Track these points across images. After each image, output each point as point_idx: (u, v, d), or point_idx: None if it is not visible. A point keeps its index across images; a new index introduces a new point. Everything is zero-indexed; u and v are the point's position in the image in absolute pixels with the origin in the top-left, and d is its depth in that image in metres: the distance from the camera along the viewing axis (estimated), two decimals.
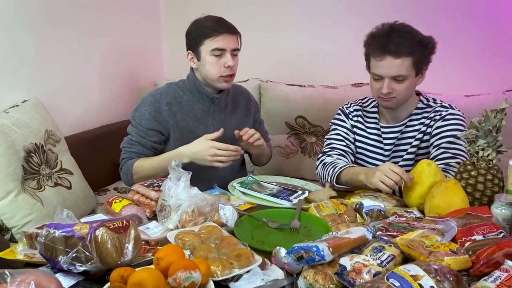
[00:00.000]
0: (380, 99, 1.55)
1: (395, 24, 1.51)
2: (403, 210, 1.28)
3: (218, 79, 1.62)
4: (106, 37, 2.47)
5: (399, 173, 1.30)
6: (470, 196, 1.27)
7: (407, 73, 1.48)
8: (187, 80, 1.71)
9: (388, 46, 1.45)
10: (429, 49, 1.50)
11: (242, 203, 1.40)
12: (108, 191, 2.34)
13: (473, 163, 1.29)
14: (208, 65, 1.60)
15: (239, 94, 1.82)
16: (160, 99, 1.66)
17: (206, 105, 1.69)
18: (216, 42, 1.58)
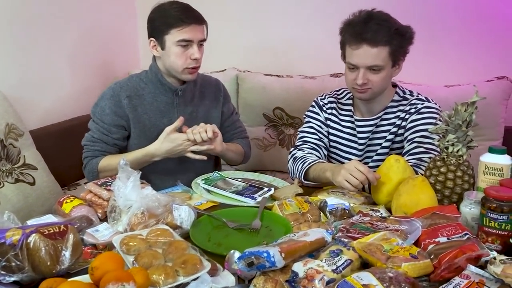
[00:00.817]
0: (354, 90, 1.48)
1: (373, 11, 1.44)
2: (369, 209, 1.22)
3: (183, 71, 1.54)
4: (77, 24, 2.37)
5: (364, 172, 1.24)
6: (439, 193, 1.21)
7: (383, 63, 1.41)
8: (149, 71, 1.63)
9: (365, 34, 1.38)
10: (406, 38, 1.43)
11: (204, 201, 1.34)
12: (79, 185, 2.26)
13: (443, 159, 1.23)
14: (173, 56, 1.52)
15: (207, 85, 1.74)
16: (119, 93, 1.58)
17: (170, 97, 1.62)
18: (183, 33, 1.49)
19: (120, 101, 1.57)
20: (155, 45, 1.57)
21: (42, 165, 1.95)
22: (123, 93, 1.58)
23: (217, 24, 2.61)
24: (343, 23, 1.48)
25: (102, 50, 2.58)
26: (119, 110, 1.57)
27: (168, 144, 1.49)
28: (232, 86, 2.50)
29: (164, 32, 1.51)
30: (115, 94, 1.58)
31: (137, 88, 1.61)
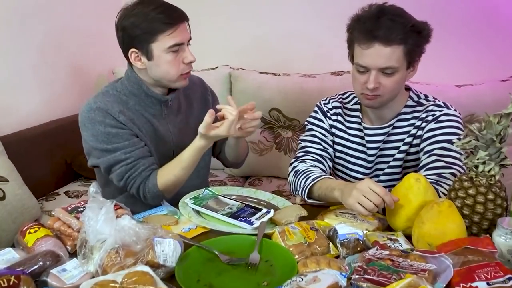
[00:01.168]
0: (363, 97, 1.30)
1: (385, 5, 1.26)
2: (386, 238, 1.04)
3: (177, 78, 1.33)
4: (54, 21, 2.17)
5: (380, 193, 1.06)
6: (467, 219, 1.04)
7: (397, 65, 1.24)
8: (128, 82, 1.37)
9: (377, 31, 1.20)
10: (423, 36, 1.25)
11: (193, 226, 1.16)
12: (58, 195, 2.08)
13: (471, 178, 1.05)
14: (165, 64, 1.29)
15: (192, 86, 1.51)
16: (108, 110, 1.31)
17: (158, 109, 1.40)
18: (173, 37, 1.27)
19: (115, 119, 1.31)
20: (137, 56, 1.31)
21: (14, 176, 1.75)
22: (112, 110, 1.31)
23: (207, 18, 2.43)
24: (351, 19, 1.30)
25: (83, 47, 2.37)
26: (122, 125, 1.32)
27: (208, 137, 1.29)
28: (225, 85, 2.32)
29: (149, 41, 1.27)
30: (105, 113, 1.30)
31: (121, 101, 1.35)
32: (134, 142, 1.33)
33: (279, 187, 2.21)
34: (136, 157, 1.32)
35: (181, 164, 1.31)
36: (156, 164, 1.36)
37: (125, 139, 1.32)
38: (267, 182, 2.27)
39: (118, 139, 1.31)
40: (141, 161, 1.32)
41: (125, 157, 1.31)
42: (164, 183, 1.32)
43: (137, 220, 1.14)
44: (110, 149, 1.31)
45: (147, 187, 1.32)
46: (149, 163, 1.34)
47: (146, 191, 1.32)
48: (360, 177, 1.46)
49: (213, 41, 2.43)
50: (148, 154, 1.35)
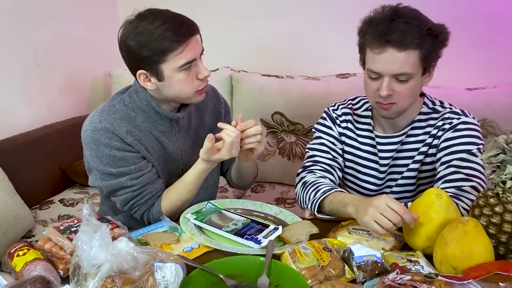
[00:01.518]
0: (377, 105, 1.22)
1: (399, 7, 1.18)
2: (405, 259, 0.96)
3: (193, 95, 1.23)
4: (48, 23, 2.08)
5: (399, 212, 0.98)
6: (493, 239, 0.96)
7: (412, 71, 1.15)
8: (136, 97, 1.26)
9: (391, 35, 1.12)
10: (440, 40, 1.17)
11: (196, 245, 1.07)
12: (53, 203, 1.99)
13: (497, 194, 0.97)
14: (178, 84, 1.19)
15: (204, 98, 1.40)
16: (114, 132, 1.21)
17: (167, 126, 1.30)
18: (183, 55, 1.15)
19: (122, 140, 1.21)
20: (146, 77, 1.20)
21: (5, 185, 1.67)
22: (119, 131, 1.21)
23: (208, 18, 2.33)
24: (363, 21, 1.21)
25: (79, 50, 2.28)
26: (129, 147, 1.22)
27: None
28: (226, 88, 2.24)
29: (158, 62, 1.16)
30: (111, 135, 1.20)
31: (128, 118, 1.25)
32: (141, 166, 1.24)
33: (282, 194, 2.13)
34: (143, 183, 1.24)
35: (186, 187, 1.26)
36: (163, 186, 1.29)
37: (132, 163, 1.23)
38: (270, 189, 2.19)
39: (124, 163, 1.22)
40: (148, 188, 1.25)
41: (131, 183, 1.23)
42: (169, 209, 1.26)
43: (136, 239, 1.07)
44: (115, 173, 1.22)
45: (151, 214, 1.26)
46: (156, 190, 1.27)
47: (150, 218, 1.26)
48: (371, 188, 1.38)
49: (213, 41, 2.33)
50: (155, 178, 1.27)
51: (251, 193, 2.15)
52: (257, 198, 2.11)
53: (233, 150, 1.18)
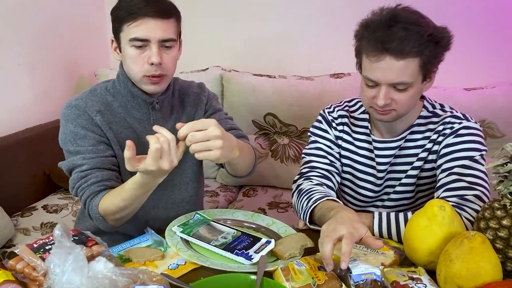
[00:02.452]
0: (373, 111, 1.16)
1: (398, 10, 1.10)
2: (406, 276, 0.90)
3: (141, 79, 1.16)
4: (32, 21, 1.99)
5: (323, 255, 0.89)
6: (501, 253, 0.90)
7: (411, 80, 1.08)
8: (117, 80, 1.24)
9: (388, 43, 1.05)
10: (442, 46, 1.10)
11: (183, 262, 1.00)
12: (35, 210, 1.90)
13: (504, 206, 0.91)
14: (128, 59, 1.15)
15: (188, 88, 1.34)
16: (86, 109, 1.19)
17: (145, 113, 1.24)
18: (134, 28, 1.12)
19: (91, 118, 1.18)
20: (116, 47, 1.20)
21: None
22: (91, 109, 1.19)
23: (198, 16, 2.26)
24: (360, 24, 1.14)
25: (64, 47, 2.20)
26: (95, 128, 1.18)
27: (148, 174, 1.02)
28: (216, 88, 2.17)
29: (118, 29, 1.15)
30: (81, 112, 1.18)
31: (105, 102, 1.22)
32: (99, 149, 1.17)
33: (275, 198, 2.06)
34: (92, 166, 1.14)
35: (122, 195, 1.08)
36: (115, 180, 1.16)
37: (90, 144, 1.16)
38: (262, 192, 2.13)
39: (83, 142, 1.16)
40: (95, 172, 1.14)
41: (81, 163, 1.15)
42: (104, 208, 1.11)
43: (118, 255, 1.00)
44: (72, 151, 1.17)
45: (90, 205, 1.13)
46: (103, 176, 1.14)
47: (89, 209, 1.14)
48: (368, 194, 1.31)
49: (203, 40, 2.27)
50: (108, 167, 1.17)
51: (243, 197, 2.09)
52: (249, 202, 2.04)
53: (163, 161, 0.94)
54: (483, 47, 1.94)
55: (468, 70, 1.96)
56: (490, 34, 1.92)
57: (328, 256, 0.88)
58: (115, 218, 1.12)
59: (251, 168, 1.30)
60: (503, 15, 1.89)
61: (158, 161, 0.94)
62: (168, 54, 1.16)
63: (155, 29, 1.12)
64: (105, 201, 1.11)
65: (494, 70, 1.93)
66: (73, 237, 0.93)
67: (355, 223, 0.94)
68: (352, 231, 0.90)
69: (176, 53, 1.19)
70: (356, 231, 0.91)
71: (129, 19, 1.12)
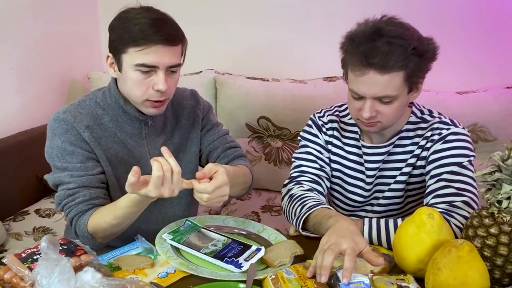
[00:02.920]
0: (360, 122, 1.17)
1: (382, 23, 1.10)
2: (395, 284, 0.90)
3: (143, 103, 1.14)
4: (24, 23, 1.98)
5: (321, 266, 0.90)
6: (488, 261, 0.91)
7: (396, 93, 1.09)
8: (108, 94, 1.21)
9: (372, 57, 1.05)
10: (427, 58, 1.10)
11: (172, 270, 1.00)
12: (28, 214, 1.90)
13: (492, 214, 0.92)
14: (130, 82, 1.12)
15: (182, 99, 1.32)
16: (74, 124, 1.15)
17: (137, 128, 1.22)
18: (144, 55, 1.08)
19: (79, 134, 1.15)
20: (112, 63, 1.15)
21: None
22: (79, 124, 1.16)
23: (192, 19, 2.25)
24: (345, 37, 1.14)
25: (57, 50, 2.19)
26: (83, 144, 1.16)
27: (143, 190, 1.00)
28: (210, 91, 2.16)
29: (121, 50, 1.11)
30: (69, 127, 1.15)
31: (94, 115, 1.19)
32: (87, 166, 1.15)
33: (269, 201, 2.06)
34: (80, 184, 1.13)
35: (115, 212, 1.07)
36: (103, 198, 1.16)
37: (78, 161, 1.15)
38: (256, 196, 2.12)
39: (71, 158, 1.14)
40: (83, 190, 1.13)
41: (69, 180, 1.13)
42: (94, 226, 1.10)
43: (107, 263, 1.00)
44: (59, 167, 1.15)
45: (78, 224, 1.12)
46: (91, 195, 1.13)
47: (77, 227, 1.13)
48: (358, 199, 1.32)
49: (197, 43, 2.25)
50: (97, 185, 1.16)
51: (236, 201, 2.08)
52: (243, 205, 2.04)
53: (164, 189, 0.95)
54: (475, 51, 1.94)
55: (460, 74, 1.96)
56: (483, 38, 1.92)
57: (327, 267, 0.89)
58: (105, 235, 1.12)
59: (245, 191, 1.31)
60: (495, 19, 1.89)
61: (159, 188, 0.95)
62: (172, 78, 1.14)
63: (164, 56, 1.09)
64: (95, 219, 1.10)
65: (486, 74, 1.93)
66: (61, 246, 0.93)
67: (355, 236, 0.95)
68: (353, 246, 0.91)
69: (178, 75, 1.18)
70: (357, 246, 0.92)
71: (138, 44, 1.07)
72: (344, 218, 1.04)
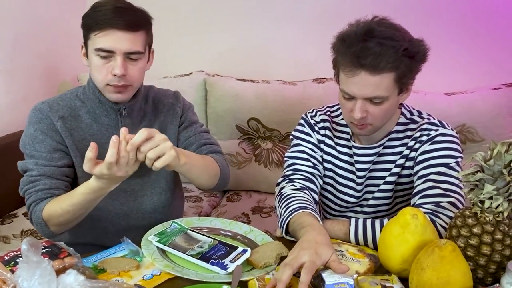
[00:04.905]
0: (352, 125, 1.17)
1: (374, 24, 1.10)
2: (379, 285, 0.90)
3: (105, 88, 1.18)
4: (12, 23, 1.96)
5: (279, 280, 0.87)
6: (471, 261, 0.91)
7: (387, 94, 1.09)
8: (87, 86, 1.25)
9: (363, 58, 1.05)
10: (417, 59, 1.11)
11: (157, 272, 0.99)
12: (16, 217, 1.89)
13: (475, 214, 0.92)
14: (93, 67, 1.17)
15: (163, 98, 1.35)
16: (49, 114, 1.21)
17: (113, 119, 1.25)
18: (100, 39, 1.13)
19: (52, 124, 1.20)
20: (85, 52, 1.21)
21: None
22: (53, 114, 1.21)
23: (180, 21, 2.26)
24: (336, 37, 1.14)
25: (45, 51, 2.17)
26: (54, 134, 1.20)
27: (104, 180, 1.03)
28: (200, 93, 2.17)
29: (86, 37, 1.17)
30: (44, 116, 1.20)
31: (72, 107, 1.24)
32: (53, 157, 1.18)
33: (259, 203, 2.07)
34: (42, 173, 1.16)
35: (71, 199, 1.08)
36: (64, 190, 1.17)
37: (46, 150, 1.18)
38: (246, 197, 2.13)
39: (39, 147, 1.18)
40: (44, 179, 1.15)
41: (33, 168, 1.17)
42: (49, 213, 1.11)
43: (92, 265, 1.00)
44: (28, 154, 1.20)
45: (34, 210, 1.13)
46: (51, 185, 1.15)
47: (32, 213, 1.14)
48: (350, 200, 1.32)
49: (187, 45, 2.27)
50: (59, 177, 1.18)
51: (226, 202, 2.09)
52: (233, 207, 2.04)
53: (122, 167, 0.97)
54: (463, 53, 1.96)
55: (448, 75, 1.97)
56: (471, 40, 1.94)
57: (283, 282, 0.87)
58: (59, 223, 1.12)
59: (213, 182, 1.28)
60: (483, 22, 1.91)
61: (113, 167, 0.97)
62: (133, 65, 1.17)
63: (121, 41, 1.13)
64: (52, 206, 1.12)
65: (473, 75, 1.95)
66: (45, 249, 0.93)
67: (319, 247, 0.93)
68: (313, 259, 0.89)
69: (143, 64, 1.20)
70: (318, 258, 0.90)
71: (96, 29, 1.13)
72: (313, 229, 1.02)
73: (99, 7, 1.15)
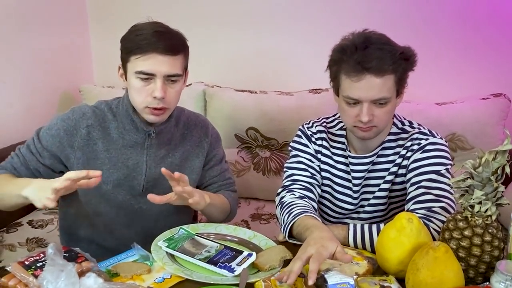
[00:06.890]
0: (357, 129, 1.24)
1: (368, 33, 1.20)
2: (378, 285, 0.97)
3: (143, 110, 1.22)
4: (14, 36, 2.01)
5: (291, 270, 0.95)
6: (463, 262, 0.98)
7: (390, 95, 1.18)
8: (122, 103, 1.29)
9: (368, 62, 1.13)
10: (411, 63, 1.21)
11: (168, 276, 1.05)
12: (21, 225, 1.92)
13: (466, 218, 0.99)
14: (132, 89, 1.21)
15: (193, 127, 1.39)
16: (80, 119, 1.27)
17: (141, 137, 1.29)
18: (140, 62, 1.17)
19: (75, 129, 1.26)
20: (122, 73, 1.25)
21: None
22: (83, 121, 1.27)
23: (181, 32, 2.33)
24: (334, 50, 1.22)
25: (48, 65, 2.22)
26: (69, 138, 1.25)
27: None
28: (199, 103, 2.23)
29: (125, 60, 1.21)
30: (74, 118, 1.27)
31: (104, 118, 1.29)
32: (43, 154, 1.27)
33: (258, 210, 2.12)
34: (25, 155, 1.28)
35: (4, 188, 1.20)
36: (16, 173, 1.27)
37: (44, 145, 1.27)
38: (245, 205, 2.18)
39: (44, 136, 1.27)
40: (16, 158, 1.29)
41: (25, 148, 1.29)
42: None
43: (106, 270, 1.04)
44: (35, 133, 1.31)
45: None
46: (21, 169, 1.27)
47: None
48: (347, 207, 1.38)
49: None
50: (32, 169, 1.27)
51: None
52: None
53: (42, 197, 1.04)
54: (453, 64, 2.05)
55: (439, 85, 2.06)
56: (460, 51, 2.03)
57: (294, 273, 0.93)
58: None
59: (224, 217, 1.40)
60: (471, 33, 2.00)
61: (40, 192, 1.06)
62: (172, 88, 1.21)
63: (162, 65, 1.17)
64: None
65: (463, 85, 2.03)
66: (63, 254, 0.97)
67: (325, 241, 1.00)
68: (320, 250, 0.97)
69: (180, 87, 1.25)
70: (325, 249, 0.98)
71: (136, 52, 1.17)
72: (318, 229, 1.09)
73: (139, 31, 1.19)
